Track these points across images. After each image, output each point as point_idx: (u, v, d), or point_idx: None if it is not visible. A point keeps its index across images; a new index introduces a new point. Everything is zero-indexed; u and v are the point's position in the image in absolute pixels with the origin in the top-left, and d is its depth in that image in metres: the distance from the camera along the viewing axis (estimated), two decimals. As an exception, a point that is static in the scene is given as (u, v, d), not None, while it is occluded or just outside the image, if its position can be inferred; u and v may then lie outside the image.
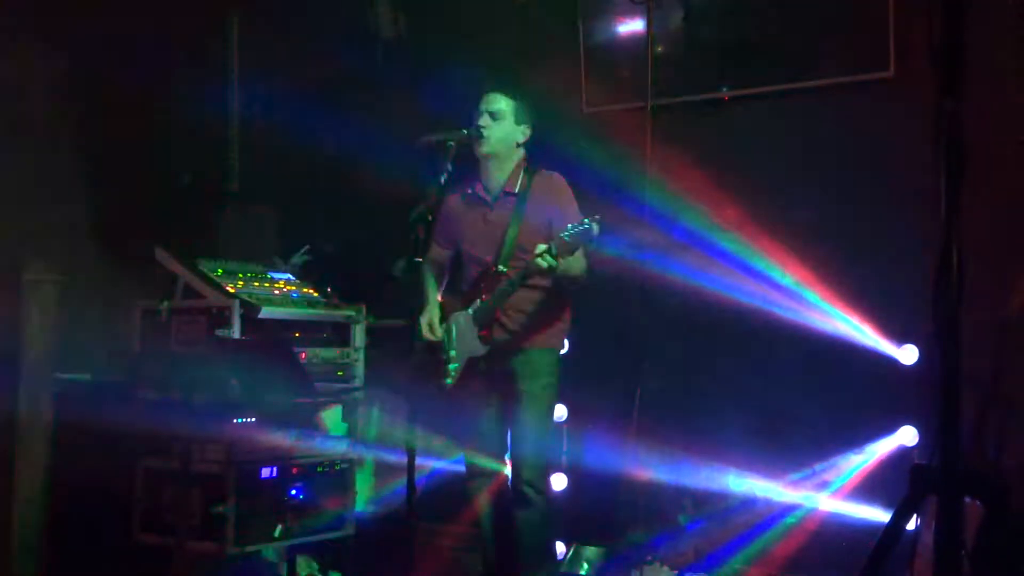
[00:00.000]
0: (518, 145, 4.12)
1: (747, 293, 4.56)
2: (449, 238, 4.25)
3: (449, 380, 4.07)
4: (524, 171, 4.11)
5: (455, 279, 4.32)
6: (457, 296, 4.21)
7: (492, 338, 4.00)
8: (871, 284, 4.40)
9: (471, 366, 4.06)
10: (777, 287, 4.53)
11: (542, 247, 3.70)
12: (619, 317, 5.10)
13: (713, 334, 4.80)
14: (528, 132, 4.13)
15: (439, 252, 4.29)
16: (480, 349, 4.01)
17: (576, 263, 3.91)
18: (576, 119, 5.14)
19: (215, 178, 5.02)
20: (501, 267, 4.00)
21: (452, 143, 3.83)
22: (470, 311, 4.05)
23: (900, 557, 2.50)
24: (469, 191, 4.18)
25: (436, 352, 4.11)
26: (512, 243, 4.01)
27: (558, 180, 4.08)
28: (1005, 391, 3.17)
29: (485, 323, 4.01)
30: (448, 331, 4.09)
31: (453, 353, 4.07)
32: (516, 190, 4.08)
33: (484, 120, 4.04)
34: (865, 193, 4.48)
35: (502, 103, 4.06)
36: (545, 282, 4.00)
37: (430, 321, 4.12)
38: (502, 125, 4.05)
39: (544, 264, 3.68)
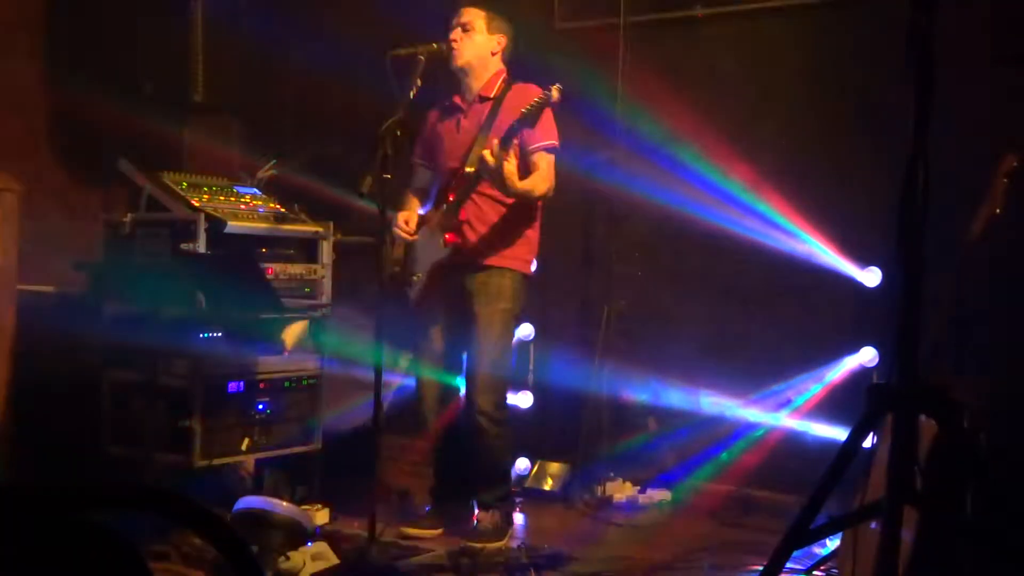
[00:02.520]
0: (493, 54, 4.05)
1: (714, 213, 4.58)
2: (429, 155, 4.20)
3: (412, 290, 4.06)
4: (503, 81, 4.06)
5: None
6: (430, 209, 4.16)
7: (453, 243, 3.94)
8: (837, 206, 4.42)
9: (435, 277, 4.02)
10: (744, 208, 4.55)
11: (495, 143, 3.67)
12: (587, 236, 5.11)
13: (679, 254, 4.83)
14: (503, 41, 4.06)
15: (423, 174, 4.23)
16: (442, 253, 3.96)
17: (534, 183, 3.86)
18: (548, 35, 5.08)
19: (179, 88, 4.91)
20: (468, 168, 3.93)
21: (422, 57, 3.78)
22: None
23: (856, 472, 2.56)
24: (447, 103, 4.14)
25: (407, 262, 4.09)
26: (480, 145, 3.93)
27: (534, 91, 3.95)
28: (964, 313, 3.22)
29: (448, 226, 3.96)
30: (420, 241, 4.06)
31: (418, 264, 4.05)
32: (492, 95, 4.03)
33: (456, 34, 3.99)
34: (834, 114, 4.48)
35: (472, 15, 4.00)
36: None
37: (408, 217, 4.06)
38: (474, 37, 4.00)
39: (489, 159, 3.64)
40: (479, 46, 4.01)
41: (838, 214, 4.41)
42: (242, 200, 4.45)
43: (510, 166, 3.72)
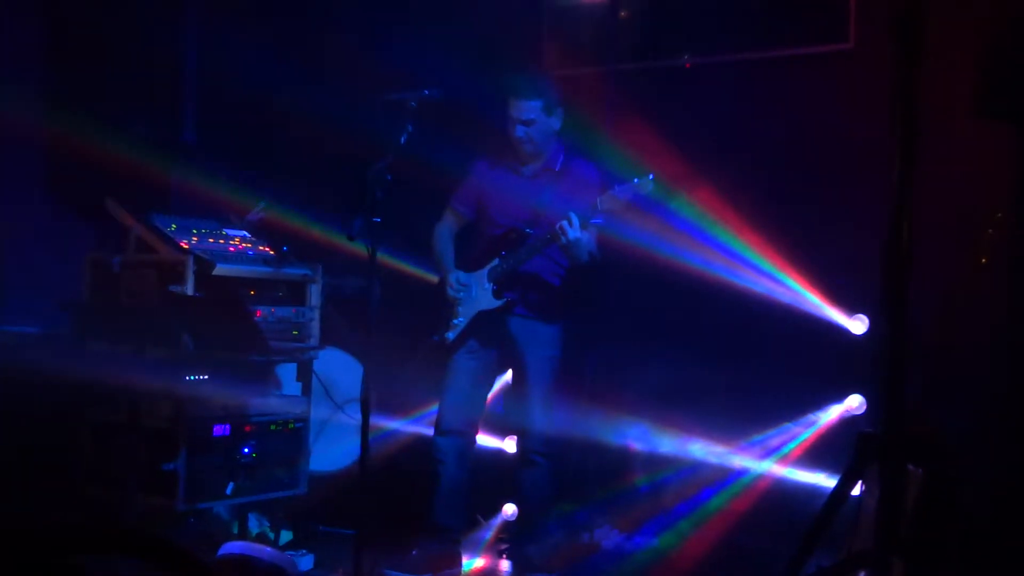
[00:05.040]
0: (556, 132, 4.19)
1: (702, 260, 4.60)
2: (473, 205, 4.32)
3: (451, 334, 4.19)
4: (562, 153, 4.21)
5: (465, 246, 4.38)
6: (469, 259, 4.26)
7: (504, 294, 4.10)
8: (824, 254, 4.44)
9: (474, 323, 4.16)
10: (732, 255, 4.57)
11: (573, 216, 3.82)
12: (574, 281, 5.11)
13: (666, 301, 4.83)
14: (562, 114, 4.17)
15: (457, 220, 4.37)
16: (492, 303, 4.11)
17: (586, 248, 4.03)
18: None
19: (171, 129, 4.94)
20: (528, 229, 4.09)
21: (413, 103, 3.80)
22: (485, 269, 4.14)
23: (844, 521, 2.55)
24: (503, 163, 4.26)
25: (446, 307, 4.21)
26: (542, 212, 4.08)
27: (593, 170, 4.19)
28: (953, 361, 3.23)
29: (500, 279, 4.10)
30: (464, 289, 4.19)
31: (461, 308, 4.17)
32: (557, 168, 4.19)
33: (521, 131, 4.09)
34: (821, 163, 4.51)
35: (529, 110, 4.09)
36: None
37: (458, 279, 4.21)
38: (539, 127, 4.11)
39: (570, 231, 3.79)
40: (546, 134, 4.14)
41: (825, 261, 4.43)
42: (231, 242, 4.44)
43: (581, 245, 3.92)
